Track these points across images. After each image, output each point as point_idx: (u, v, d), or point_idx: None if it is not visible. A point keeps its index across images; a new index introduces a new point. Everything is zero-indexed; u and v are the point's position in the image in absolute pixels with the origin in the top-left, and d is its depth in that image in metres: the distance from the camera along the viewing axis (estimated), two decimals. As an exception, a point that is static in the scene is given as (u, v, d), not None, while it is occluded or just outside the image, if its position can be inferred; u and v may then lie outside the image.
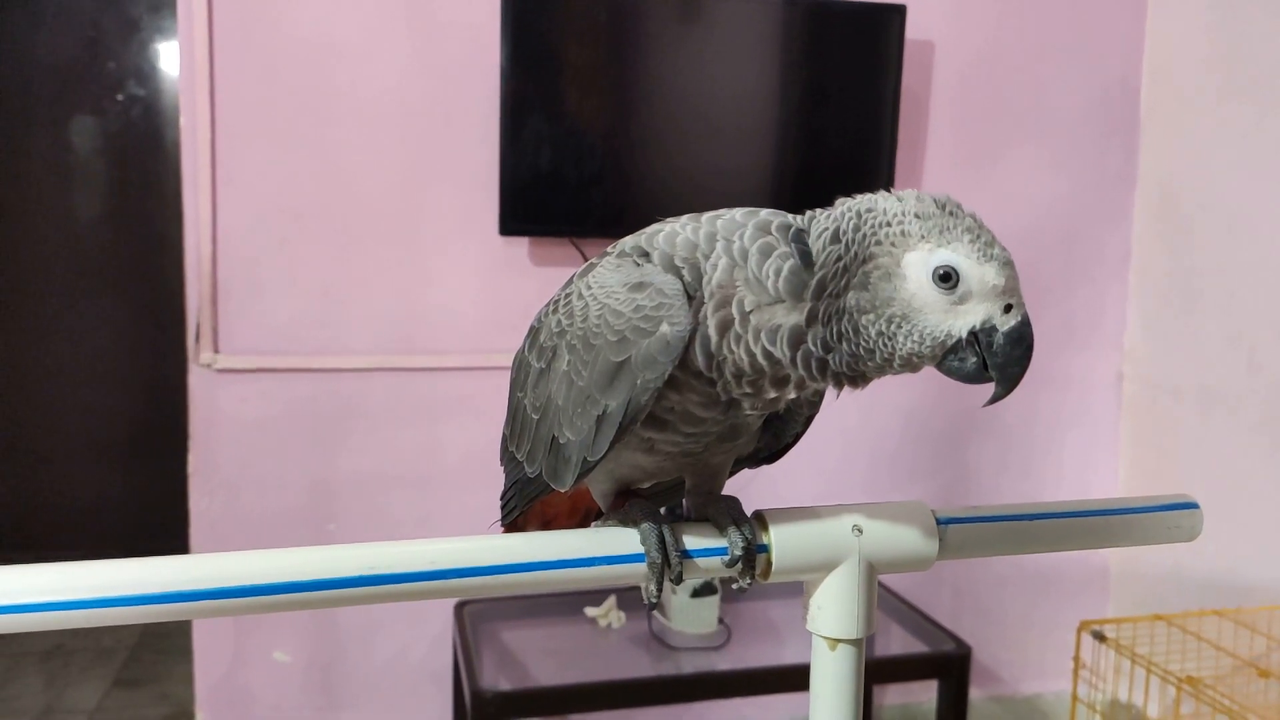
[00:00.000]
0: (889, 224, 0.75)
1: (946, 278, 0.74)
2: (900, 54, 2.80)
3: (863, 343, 0.76)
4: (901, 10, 2.78)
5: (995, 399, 0.78)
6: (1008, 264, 0.75)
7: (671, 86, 2.73)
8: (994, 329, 0.75)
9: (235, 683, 2.74)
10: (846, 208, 0.79)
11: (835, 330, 0.76)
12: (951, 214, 0.75)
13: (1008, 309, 0.75)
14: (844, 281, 0.76)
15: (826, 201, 0.82)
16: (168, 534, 3.08)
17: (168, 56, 4.04)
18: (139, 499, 4.21)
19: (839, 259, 0.76)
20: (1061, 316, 3.16)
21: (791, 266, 0.77)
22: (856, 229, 0.76)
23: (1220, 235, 2.87)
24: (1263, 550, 2.71)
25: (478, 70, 2.67)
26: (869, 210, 0.77)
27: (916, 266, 0.75)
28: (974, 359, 0.76)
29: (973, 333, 0.76)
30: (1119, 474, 3.26)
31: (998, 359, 0.76)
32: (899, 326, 0.75)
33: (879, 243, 0.75)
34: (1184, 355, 2.99)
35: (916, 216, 0.75)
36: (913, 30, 2.85)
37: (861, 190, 0.81)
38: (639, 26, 2.68)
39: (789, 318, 0.77)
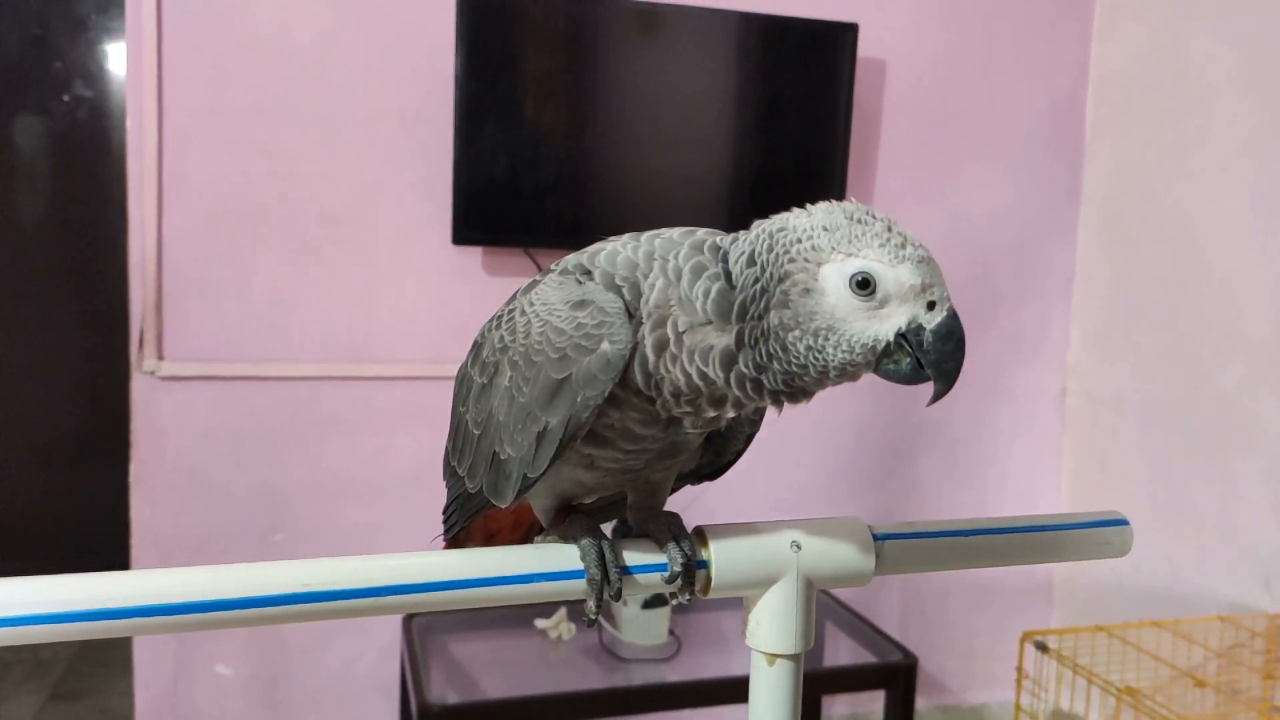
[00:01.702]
0: (799, 240, 0.76)
1: (864, 284, 0.74)
2: (852, 71, 2.83)
3: (794, 359, 0.76)
4: (853, 28, 2.82)
5: (936, 397, 0.78)
6: (923, 261, 0.75)
7: (627, 98, 2.74)
8: (921, 328, 0.75)
9: (177, 696, 2.69)
10: (761, 230, 0.79)
11: (764, 351, 0.76)
12: (860, 221, 0.75)
13: (931, 306, 0.75)
14: (764, 303, 0.76)
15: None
16: (109, 544, 3.02)
17: (116, 57, 3.97)
18: (80, 508, 4.11)
19: (756, 281, 0.77)
20: (1007, 331, 3.22)
21: (719, 288, 0.78)
22: (769, 249, 0.77)
23: (1162, 252, 2.94)
24: (1201, 563, 2.77)
25: (432, 77, 2.65)
26: (780, 230, 0.78)
27: (833, 278, 0.75)
28: (908, 359, 0.76)
29: (900, 335, 0.76)
30: (1061, 487, 3.32)
31: (930, 357, 0.76)
32: (826, 339, 0.75)
33: (792, 260, 0.76)
34: (1126, 370, 3.06)
35: (825, 229, 0.75)
36: (865, 48, 2.89)
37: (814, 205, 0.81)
38: (595, 37, 2.69)
39: (720, 339, 0.77)
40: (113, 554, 3.00)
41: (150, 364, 2.57)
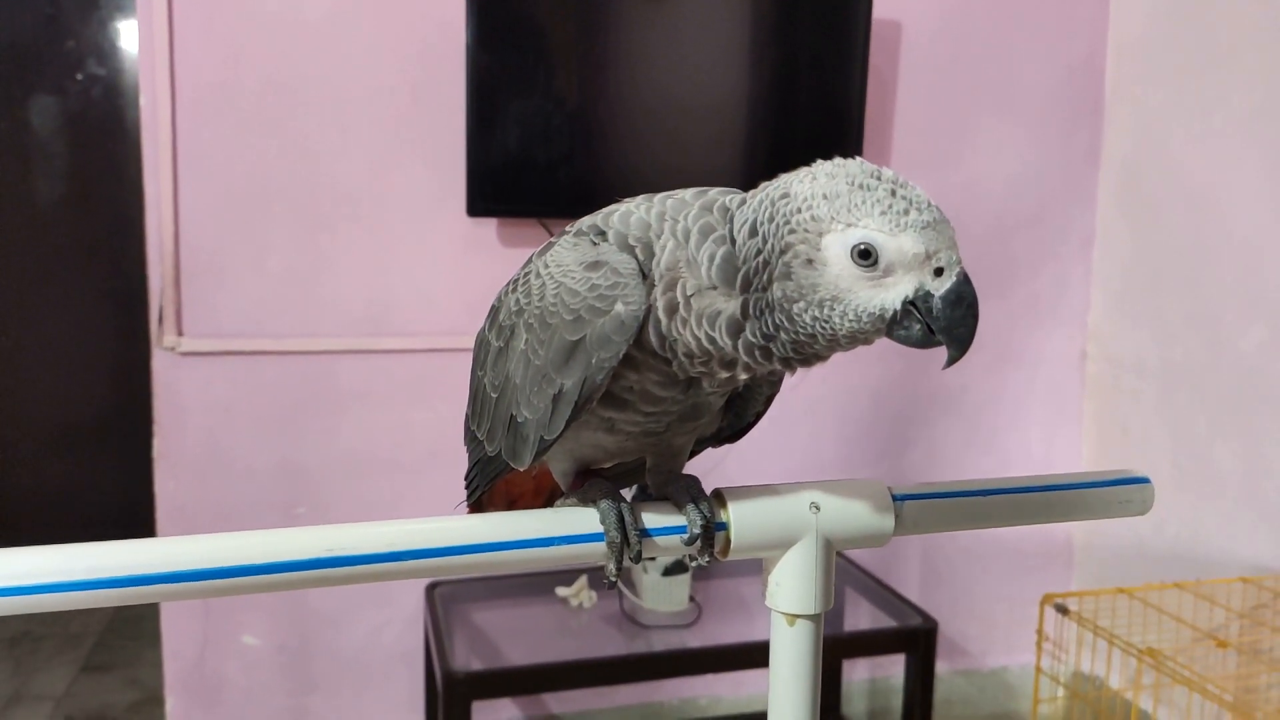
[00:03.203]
0: (799, 210, 0.74)
1: (865, 254, 0.72)
2: (867, 33, 2.80)
3: (800, 330, 0.75)
4: (868, -11, 2.78)
5: (950, 361, 0.76)
6: (928, 227, 0.72)
7: (640, 66, 2.72)
8: (929, 295, 0.74)
9: (205, 667, 2.74)
10: (765, 195, 0.78)
11: (770, 321, 0.76)
12: (862, 187, 0.73)
13: (939, 272, 0.73)
14: (767, 275, 0.75)
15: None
16: (134, 519, 3.05)
17: (128, 34, 3.97)
18: (104, 484, 4.17)
19: (758, 253, 0.75)
20: (1027, 295, 3.20)
21: (724, 253, 0.77)
22: (771, 219, 0.75)
23: (1182, 214, 2.91)
24: (1222, 524, 2.76)
25: (444, 50, 2.64)
26: (783, 196, 0.76)
27: (834, 248, 0.73)
28: (918, 326, 0.74)
29: (909, 302, 0.74)
30: (1082, 451, 3.30)
31: (940, 323, 0.74)
32: (832, 309, 0.74)
33: (793, 231, 0.74)
34: (1146, 333, 3.04)
35: (825, 198, 0.73)
36: (880, 9, 2.85)
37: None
38: (607, 5, 2.67)
39: (726, 305, 0.77)
40: (138, 529, 3.04)
41: (170, 340, 2.59)
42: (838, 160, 0.76)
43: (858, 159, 0.76)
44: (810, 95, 2.86)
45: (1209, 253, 2.81)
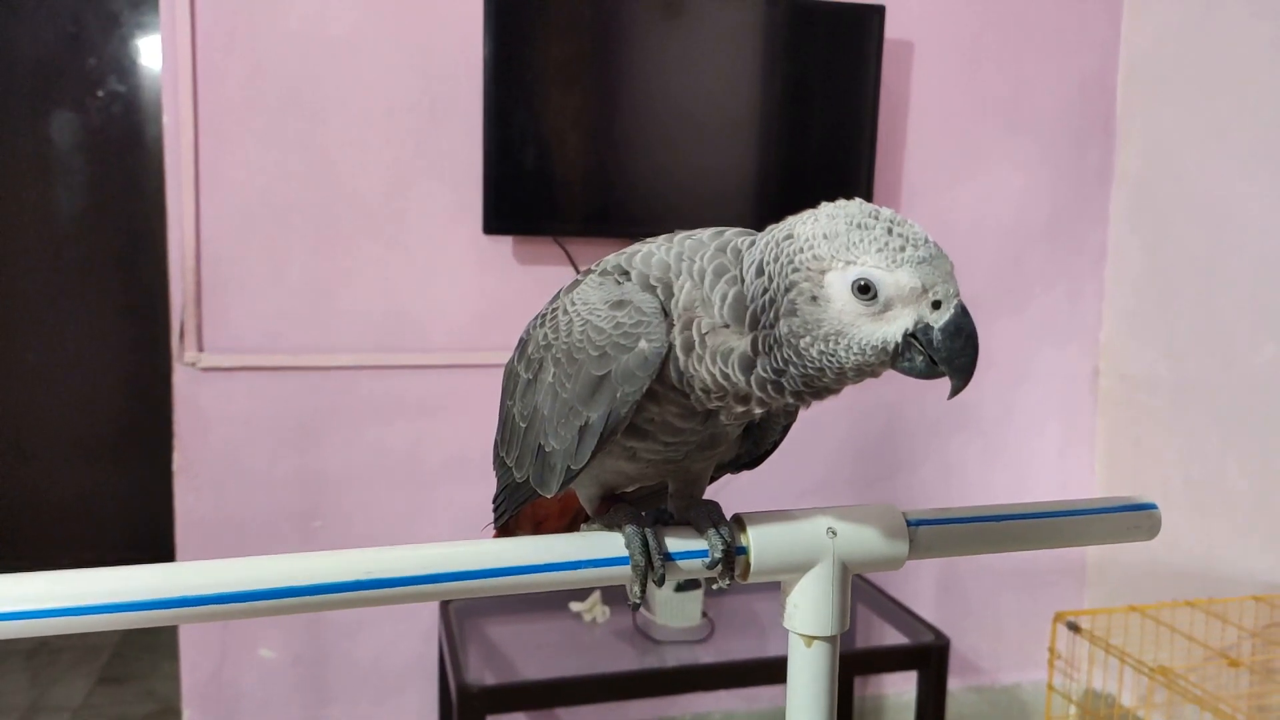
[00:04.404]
0: (802, 250, 0.78)
1: (865, 289, 0.76)
2: (880, 53, 2.83)
3: (809, 364, 0.79)
4: (880, 10, 2.81)
5: (954, 391, 0.79)
6: (924, 262, 0.75)
7: (654, 86, 2.76)
8: (929, 328, 0.77)
9: (222, 679, 2.76)
10: (770, 238, 0.81)
11: (779, 357, 0.79)
12: (860, 226, 0.77)
13: (937, 305, 0.76)
14: (773, 313, 0.79)
15: (808, 201, 0.84)
16: (153, 533, 3.09)
17: (149, 52, 4.03)
18: (124, 498, 4.21)
19: (765, 292, 0.79)
20: (1039, 313, 3.22)
21: (735, 293, 0.80)
22: (776, 259, 0.79)
23: (1195, 231, 2.92)
24: (1235, 542, 2.77)
25: (462, 68, 2.68)
26: (787, 238, 0.79)
27: (836, 285, 0.76)
28: (921, 357, 0.78)
29: (910, 335, 0.77)
30: (1095, 468, 3.31)
31: (941, 354, 0.77)
32: (837, 343, 0.77)
33: (796, 269, 0.77)
34: (1159, 350, 3.05)
35: (825, 237, 0.77)
36: (892, 30, 2.88)
37: (841, 191, 0.83)
38: (622, 25, 2.71)
39: (738, 343, 0.80)
40: (158, 542, 3.08)
41: (191, 356, 2.63)
42: (839, 202, 0.80)
43: (858, 200, 0.80)
44: (824, 114, 2.89)
45: (1221, 269, 2.83)
